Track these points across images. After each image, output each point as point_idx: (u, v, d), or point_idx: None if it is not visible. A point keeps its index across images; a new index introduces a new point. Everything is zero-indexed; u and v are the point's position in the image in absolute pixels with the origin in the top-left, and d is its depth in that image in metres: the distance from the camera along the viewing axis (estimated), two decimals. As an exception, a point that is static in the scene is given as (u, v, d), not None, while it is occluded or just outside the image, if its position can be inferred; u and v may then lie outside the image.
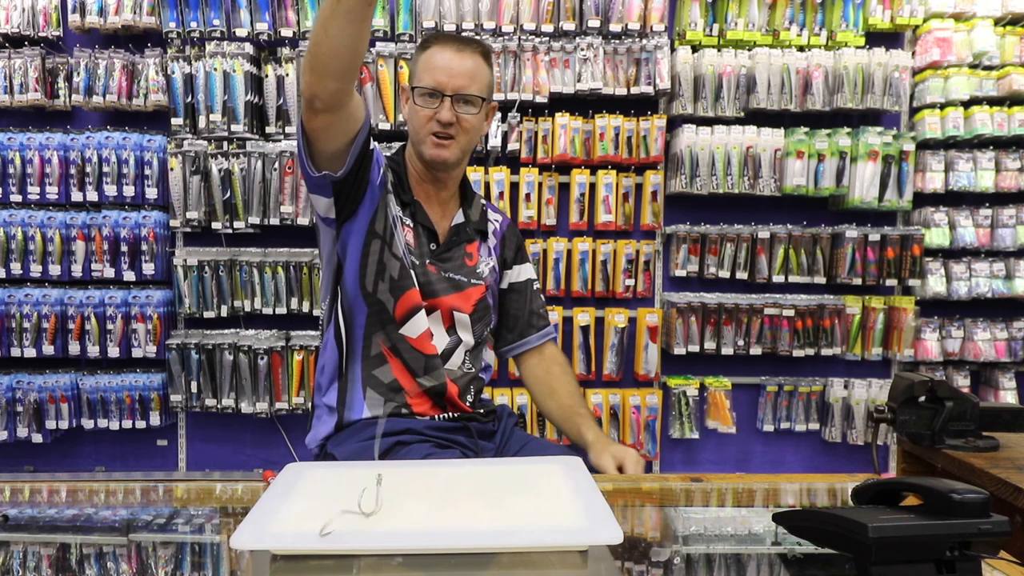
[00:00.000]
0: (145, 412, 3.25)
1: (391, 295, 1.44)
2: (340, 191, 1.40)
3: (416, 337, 1.45)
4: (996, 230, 3.34)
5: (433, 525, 0.92)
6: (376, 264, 1.44)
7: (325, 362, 1.52)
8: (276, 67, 3.21)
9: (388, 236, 1.45)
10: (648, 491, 1.24)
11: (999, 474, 1.13)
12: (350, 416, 1.47)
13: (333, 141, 1.33)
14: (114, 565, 0.95)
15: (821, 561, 0.92)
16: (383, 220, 1.45)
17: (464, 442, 1.44)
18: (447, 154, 1.45)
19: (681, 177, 3.25)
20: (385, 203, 1.46)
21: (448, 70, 1.43)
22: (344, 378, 1.48)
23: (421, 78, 1.45)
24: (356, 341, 1.47)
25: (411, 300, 1.44)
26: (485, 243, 1.59)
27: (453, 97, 1.42)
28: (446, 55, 1.44)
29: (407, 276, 1.44)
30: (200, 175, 3.20)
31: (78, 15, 3.21)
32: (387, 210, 1.46)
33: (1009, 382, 3.39)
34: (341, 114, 1.29)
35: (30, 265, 3.21)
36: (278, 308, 3.23)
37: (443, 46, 1.45)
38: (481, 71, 1.47)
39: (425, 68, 1.45)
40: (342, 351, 1.49)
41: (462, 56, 1.44)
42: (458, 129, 1.44)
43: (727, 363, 3.42)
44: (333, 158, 1.35)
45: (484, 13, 3.21)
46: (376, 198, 1.46)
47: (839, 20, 3.28)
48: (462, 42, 1.47)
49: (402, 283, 1.44)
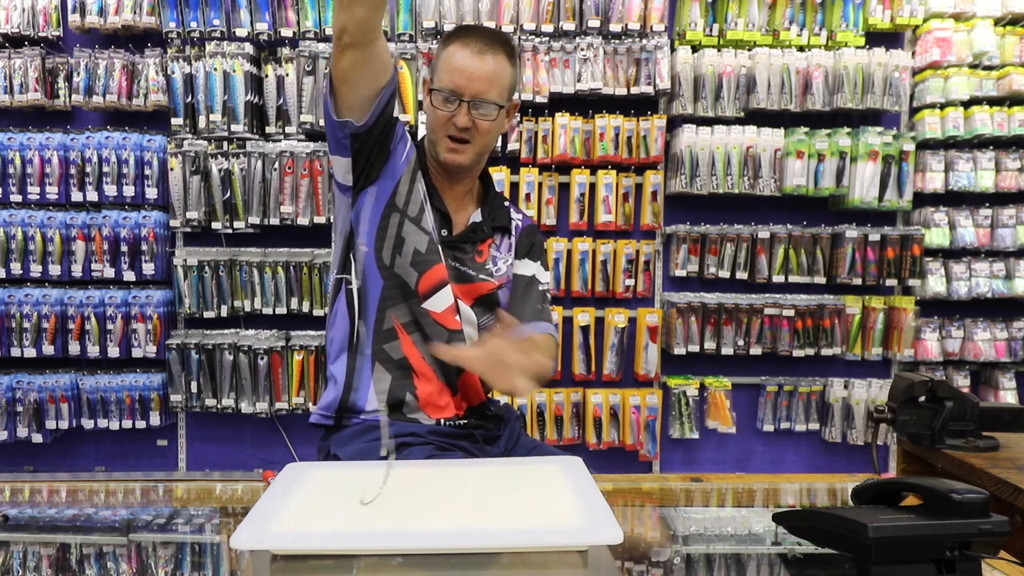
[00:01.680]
0: (145, 412, 3.25)
1: (414, 269, 1.42)
2: (359, 151, 1.38)
3: (441, 312, 1.43)
4: (996, 230, 3.34)
5: (433, 525, 0.92)
6: (395, 238, 1.43)
7: (334, 335, 1.49)
8: (276, 67, 3.21)
9: (415, 211, 1.44)
10: (648, 491, 1.24)
11: (999, 474, 1.13)
12: (355, 399, 1.44)
13: (360, 87, 1.31)
14: (114, 565, 0.95)
15: (821, 561, 0.92)
16: (407, 195, 1.44)
17: (468, 448, 1.43)
18: (461, 159, 1.43)
19: (681, 177, 3.25)
20: (412, 179, 1.45)
21: (467, 73, 1.39)
22: (354, 350, 1.46)
23: (440, 78, 1.41)
24: (369, 315, 1.44)
25: (437, 275, 1.43)
26: (507, 239, 1.56)
27: (471, 102, 1.39)
28: (467, 56, 1.40)
29: (435, 252, 1.43)
30: (200, 175, 3.20)
31: (78, 15, 3.21)
32: (414, 185, 1.45)
33: (1009, 382, 3.39)
34: (369, 52, 1.27)
35: (30, 265, 3.21)
36: (278, 308, 3.23)
37: (465, 44, 1.41)
38: (503, 73, 1.43)
39: (445, 68, 1.41)
40: (353, 323, 1.46)
41: (483, 58, 1.40)
42: (474, 133, 1.41)
43: (727, 363, 3.42)
44: (357, 107, 1.33)
45: (484, 13, 3.21)
46: (399, 172, 1.44)
47: (839, 20, 3.28)
48: (485, 41, 1.41)
49: (429, 258, 1.43)
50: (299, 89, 3.20)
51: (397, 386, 1.43)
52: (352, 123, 1.35)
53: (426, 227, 1.44)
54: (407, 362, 1.43)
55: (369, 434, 1.42)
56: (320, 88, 3.19)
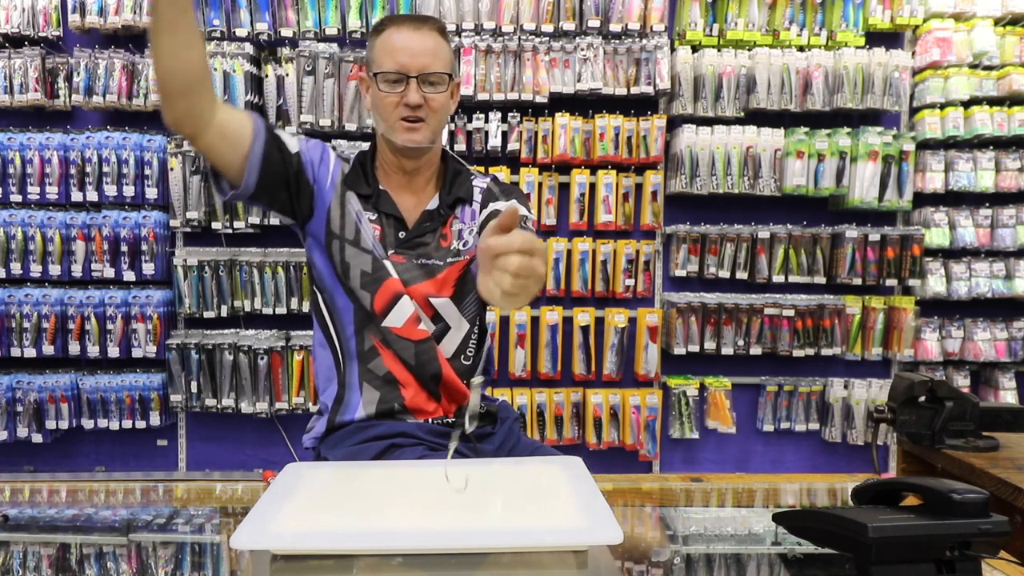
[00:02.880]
0: (145, 412, 3.25)
1: (365, 291, 1.42)
2: (273, 199, 1.41)
3: (402, 326, 1.42)
4: (996, 230, 3.34)
5: (433, 525, 0.92)
6: (341, 264, 1.43)
7: (318, 367, 1.51)
8: (276, 67, 3.21)
9: (352, 233, 1.43)
10: (648, 491, 1.24)
11: (999, 474, 1.13)
12: (343, 416, 1.45)
13: (227, 158, 1.33)
14: (114, 565, 0.95)
15: (821, 561, 0.92)
16: (340, 219, 1.44)
17: (460, 448, 1.42)
18: (419, 137, 1.41)
19: (681, 177, 3.25)
20: (342, 201, 1.44)
21: (409, 50, 1.38)
22: (342, 376, 1.47)
23: (382, 63, 1.40)
24: (348, 339, 1.45)
25: (390, 290, 1.42)
26: (469, 207, 1.51)
27: (419, 78, 1.38)
28: (404, 35, 1.39)
29: (381, 268, 1.42)
30: (200, 175, 3.20)
31: (78, 15, 3.21)
32: (344, 208, 1.44)
33: (1009, 382, 3.39)
34: (211, 133, 1.29)
35: (30, 265, 3.21)
36: (278, 308, 3.24)
37: (399, 26, 1.41)
38: (442, 48, 1.42)
39: (385, 52, 1.40)
40: (336, 352, 1.48)
41: (421, 34, 1.40)
42: (427, 111, 1.40)
43: (727, 363, 3.42)
44: (236, 174, 1.36)
45: (484, 13, 3.21)
46: (327, 199, 1.44)
47: (839, 20, 3.28)
48: (418, 20, 1.42)
49: (376, 276, 1.42)
50: (299, 89, 3.20)
51: (385, 398, 1.43)
52: (240, 193, 1.37)
53: (366, 246, 1.43)
54: (392, 376, 1.43)
55: (358, 434, 1.41)
56: (320, 88, 3.19)
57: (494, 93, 3.20)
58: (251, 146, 1.34)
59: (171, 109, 1.26)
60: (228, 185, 1.38)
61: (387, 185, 1.49)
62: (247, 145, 1.34)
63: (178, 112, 1.26)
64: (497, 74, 3.20)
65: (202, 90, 1.26)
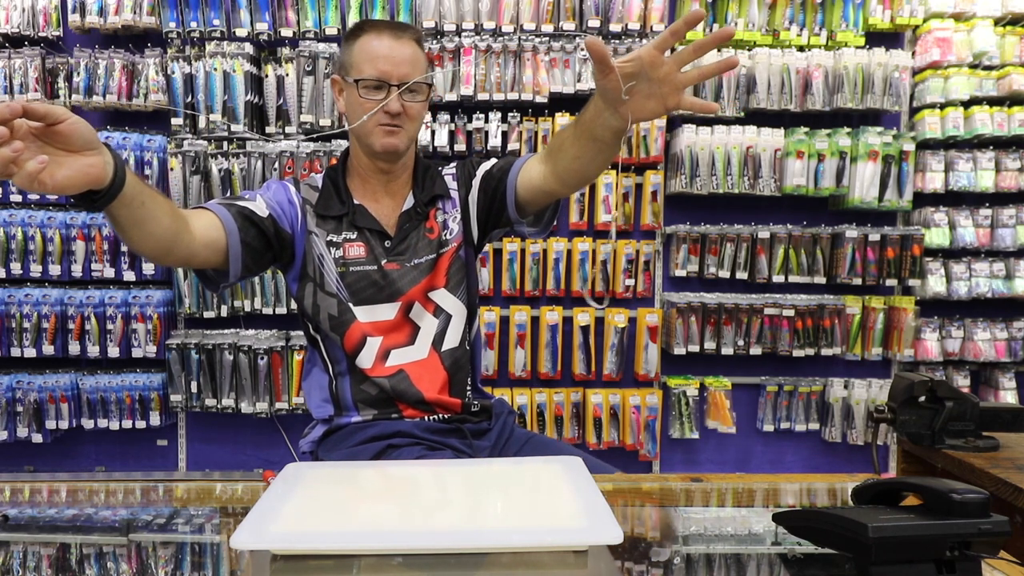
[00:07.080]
0: (145, 412, 3.25)
1: (335, 333, 1.44)
2: (260, 267, 1.43)
3: (370, 366, 1.44)
4: (996, 230, 3.34)
5: (433, 525, 0.92)
6: (312, 307, 1.45)
7: (311, 386, 1.52)
8: (276, 67, 3.21)
9: (319, 276, 1.44)
10: (648, 491, 1.24)
11: (999, 474, 1.13)
12: (340, 420, 1.47)
13: (211, 261, 1.35)
14: (114, 565, 0.95)
15: (821, 561, 0.92)
16: (311, 262, 1.45)
17: (457, 444, 1.43)
18: (397, 141, 1.41)
19: (681, 177, 3.25)
20: (309, 244, 1.44)
21: (391, 58, 1.38)
22: (336, 396, 1.48)
23: (363, 69, 1.40)
24: (340, 362, 1.47)
25: (355, 335, 1.43)
26: (449, 199, 1.53)
27: (399, 86, 1.39)
28: (385, 43, 1.39)
29: (346, 311, 1.43)
30: (200, 175, 3.20)
31: (78, 15, 3.21)
32: (312, 251, 1.44)
33: (1009, 382, 3.39)
34: (185, 252, 1.28)
35: (30, 265, 3.21)
36: (278, 308, 3.24)
37: (379, 33, 1.41)
38: (420, 57, 1.43)
39: (365, 58, 1.40)
40: (329, 374, 1.50)
41: (401, 43, 1.40)
42: (405, 118, 1.41)
43: (727, 363, 3.42)
44: (221, 267, 1.36)
45: (484, 13, 3.21)
46: (302, 242, 1.44)
47: (839, 20, 3.28)
48: (398, 28, 1.43)
49: (342, 319, 1.43)
50: (299, 89, 3.20)
51: (383, 411, 1.46)
52: (230, 280, 1.39)
53: (330, 289, 1.44)
54: (385, 392, 1.45)
55: (355, 435, 1.42)
56: (320, 88, 3.20)
57: (494, 93, 3.20)
58: (227, 242, 1.34)
59: (156, 262, 1.28)
60: (217, 276, 1.39)
61: (363, 195, 1.49)
62: (224, 244, 1.34)
63: (164, 262, 1.29)
64: (497, 74, 3.20)
65: (179, 240, 1.25)
